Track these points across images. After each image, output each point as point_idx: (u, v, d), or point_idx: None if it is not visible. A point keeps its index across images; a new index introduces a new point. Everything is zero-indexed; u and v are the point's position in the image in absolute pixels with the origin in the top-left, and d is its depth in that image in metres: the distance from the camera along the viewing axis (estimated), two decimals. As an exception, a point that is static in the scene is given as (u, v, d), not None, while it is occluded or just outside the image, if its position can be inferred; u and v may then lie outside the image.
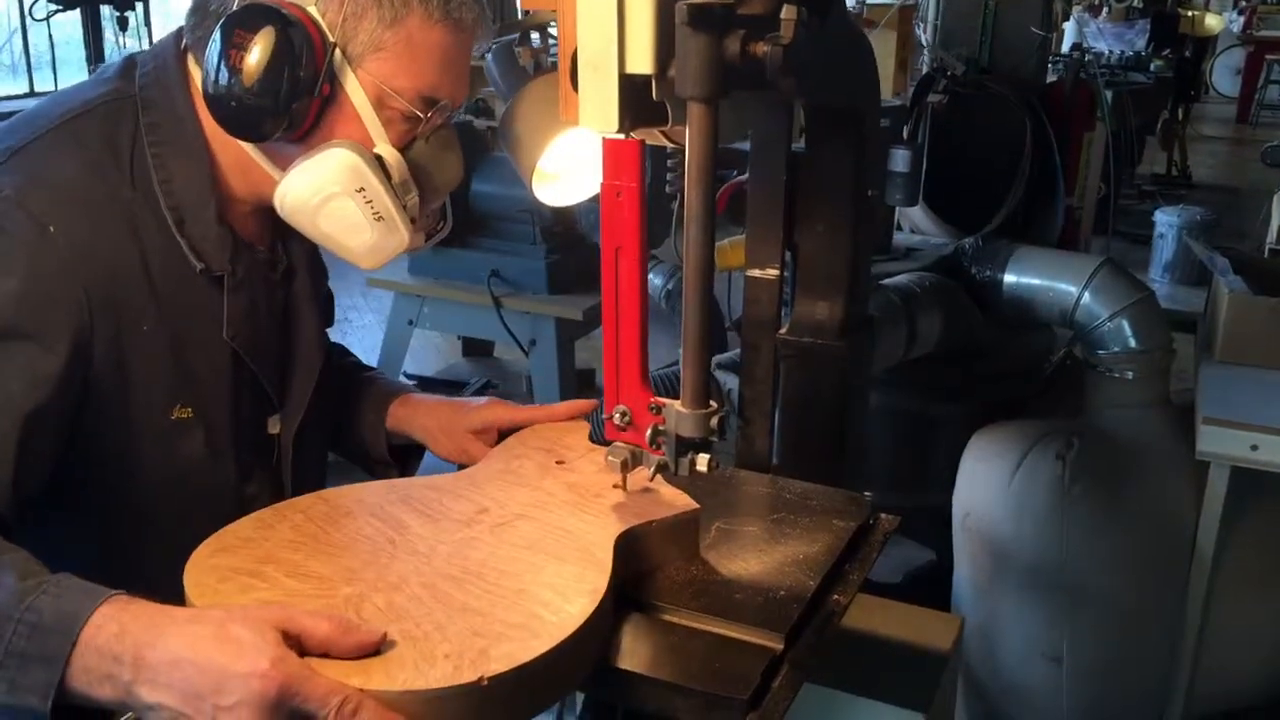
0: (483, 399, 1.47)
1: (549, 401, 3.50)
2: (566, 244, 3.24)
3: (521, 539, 1.13)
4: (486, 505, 1.20)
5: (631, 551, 1.13)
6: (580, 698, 1.29)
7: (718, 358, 2.20)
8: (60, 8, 5.04)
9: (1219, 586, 2.39)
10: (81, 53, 5.46)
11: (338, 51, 1.17)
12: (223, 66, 1.14)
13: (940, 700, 1.28)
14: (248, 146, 1.22)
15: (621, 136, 1.06)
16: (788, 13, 1.00)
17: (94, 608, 0.92)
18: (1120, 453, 2.51)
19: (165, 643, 0.89)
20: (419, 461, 1.55)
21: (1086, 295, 2.58)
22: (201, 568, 1.04)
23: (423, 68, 1.20)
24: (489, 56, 1.47)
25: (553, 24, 1.25)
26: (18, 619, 0.92)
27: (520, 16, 1.28)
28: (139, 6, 5.38)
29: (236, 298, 1.26)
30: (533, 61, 1.41)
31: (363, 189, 1.19)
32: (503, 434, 1.43)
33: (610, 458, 1.16)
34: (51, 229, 1.13)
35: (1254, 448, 2.25)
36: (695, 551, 1.19)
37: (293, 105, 1.15)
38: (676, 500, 1.20)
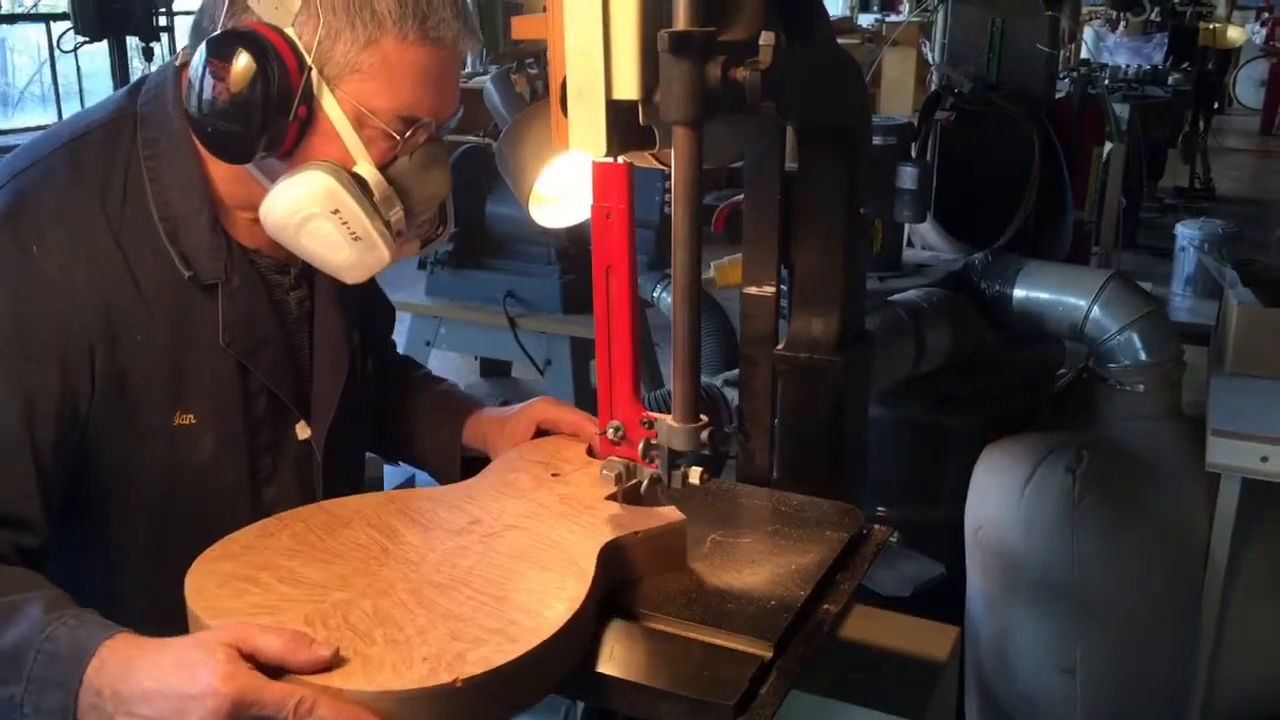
0: (534, 399, 1.50)
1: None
2: (581, 264, 3.27)
3: (510, 548, 1.17)
4: (479, 516, 1.24)
5: (617, 561, 1.17)
6: (580, 706, 1.32)
7: (725, 374, 2.22)
8: (87, 39, 5.16)
9: (1232, 598, 2.39)
10: (109, 83, 5.57)
11: (314, 73, 1.19)
12: (203, 90, 1.17)
13: (935, 709, 1.30)
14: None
15: (610, 160, 1.10)
16: (766, 38, 1.04)
17: (102, 640, 1.00)
18: (1131, 465, 2.51)
19: (134, 676, 0.97)
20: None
21: (1096, 309, 2.59)
22: (202, 573, 1.10)
23: (400, 88, 1.21)
24: (488, 84, 1.51)
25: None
26: (38, 648, 1.00)
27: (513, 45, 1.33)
28: (164, 37, 5.50)
29: (233, 305, 1.29)
30: (529, 88, 1.44)
31: (338, 210, 1.21)
32: (540, 431, 1.47)
33: (605, 472, 1.19)
34: (34, 249, 1.18)
35: (1264, 459, 2.26)
36: (683, 562, 1.22)
37: (269, 128, 1.17)
38: (664, 512, 1.23)
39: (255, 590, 1.07)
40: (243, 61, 1.15)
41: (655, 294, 2.96)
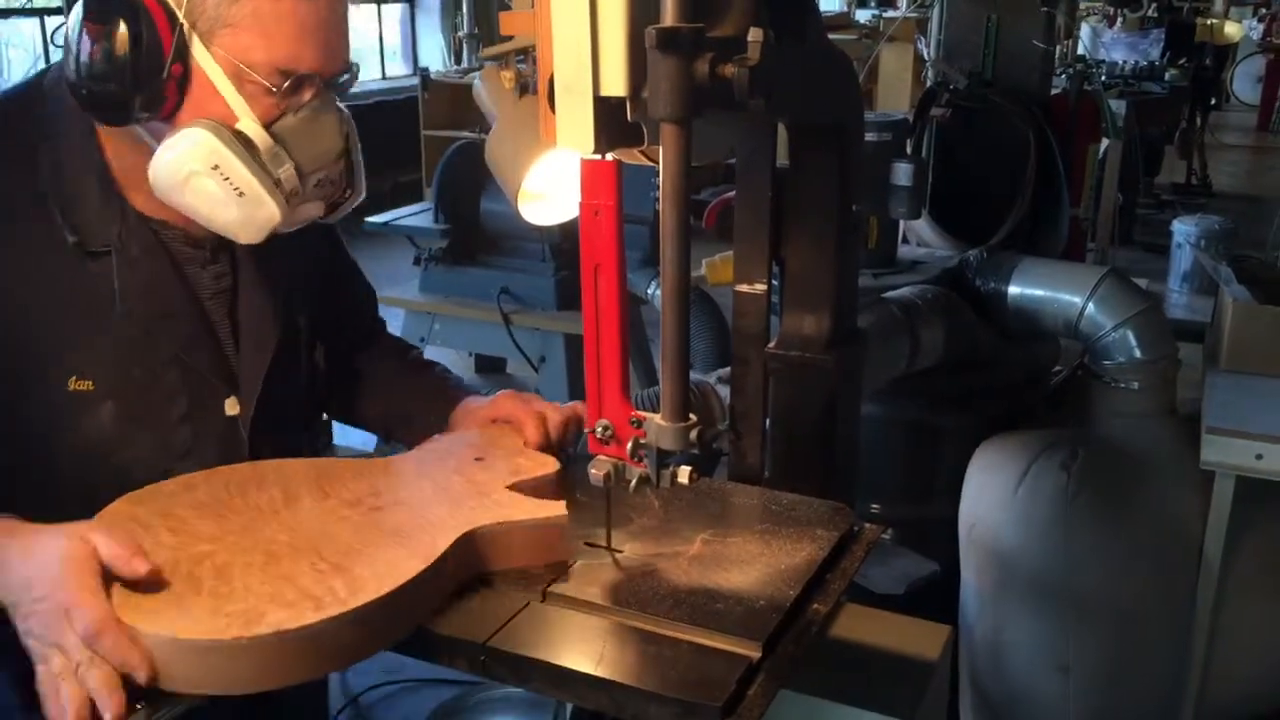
0: (503, 393, 1.50)
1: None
2: (575, 261, 3.26)
3: (386, 524, 1.20)
4: (380, 490, 1.27)
5: (484, 548, 1.20)
6: (569, 707, 1.31)
7: (719, 372, 2.22)
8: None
9: (1226, 595, 2.39)
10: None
11: (187, 30, 1.18)
12: (79, 53, 1.18)
13: (926, 708, 1.29)
14: (130, 126, 1.24)
15: (599, 157, 1.09)
16: (754, 35, 1.03)
17: None
18: (1126, 463, 2.51)
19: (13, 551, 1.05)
20: None
21: (1091, 306, 2.58)
22: (111, 512, 1.18)
23: (274, 40, 1.20)
24: (477, 80, 1.51)
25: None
26: None
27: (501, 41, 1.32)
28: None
29: (132, 274, 1.28)
30: (518, 85, 1.43)
31: (217, 166, 1.20)
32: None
33: (593, 470, 1.18)
34: None
35: (1259, 457, 2.25)
36: (563, 557, 1.24)
37: (144, 88, 1.18)
38: (548, 505, 1.25)
39: (141, 534, 1.13)
40: (111, 21, 1.16)
41: (649, 291, 2.96)
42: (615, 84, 1.06)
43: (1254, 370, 2.53)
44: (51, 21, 7.31)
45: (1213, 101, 10.09)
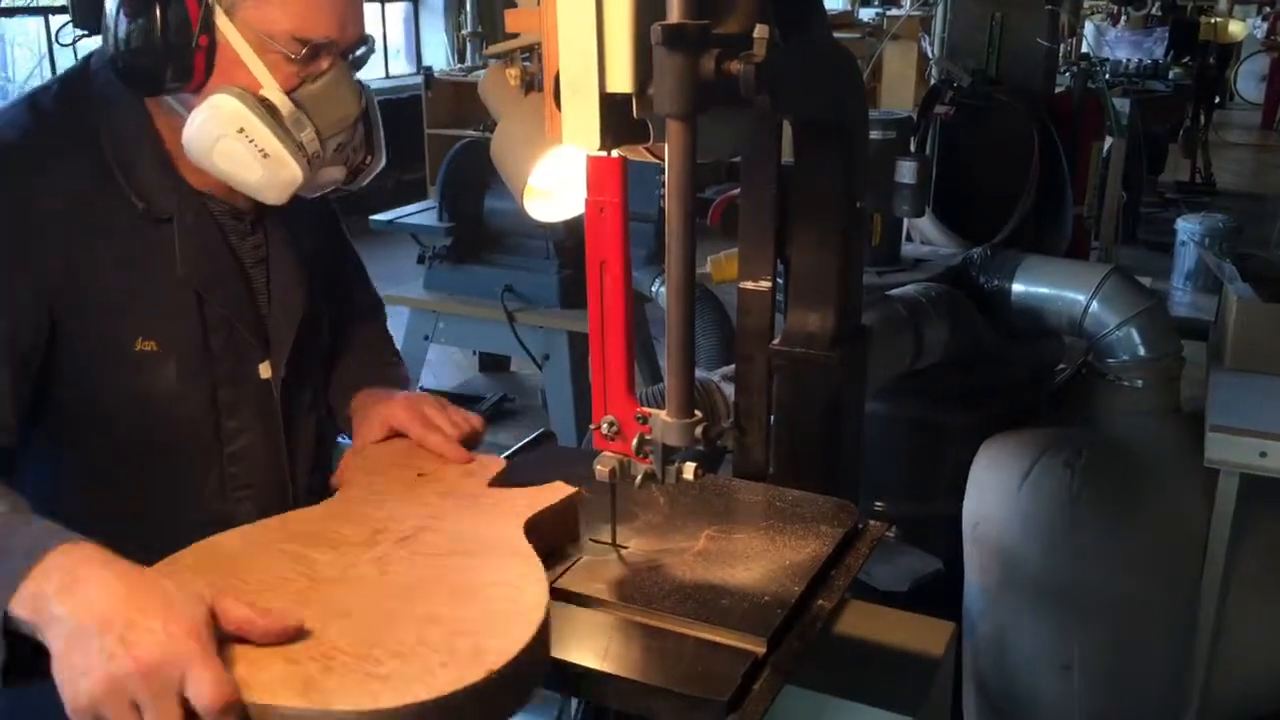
0: (398, 396, 1.51)
1: (563, 413, 3.53)
2: (580, 259, 3.26)
3: (433, 548, 1.16)
4: (381, 525, 1.20)
5: (532, 539, 1.18)
6: (575, 702, 1.32)
7: (723, 369, 2.22)
8: (86, 33, 5.15)
9: (1231, 594, 2.39)
10: (107, 77, 5.53)
11: (212, 4, 1.27)
12: (116, 28, 1.27)
13: (931, 704, 1.30)
14: (168, 100, 1.32)
15: (604, 154, 1.10)
16: (760, 31, 1.03)
17: (72, 538, 1.00)
18: (1130, 461, 2.51)
19: (98, 572, 0.96)
20: None
21: (1095, 303, 2.58)
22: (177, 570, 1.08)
23: (290, 9, 1.28)
24: (482, 78, 1.51)
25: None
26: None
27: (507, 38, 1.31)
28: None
29: (188, 240, 1.36)
30: (523, 82, 1.44)
31: (243, 129, 1.28)
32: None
33: (598, 466, 1.19)
34: (3, 179, 1.27)
35: (1263, 454, 2.25)
36: (577, 534, 1.26)
37: (174, 58, 1.26)
38: (556, 487, 1.27)
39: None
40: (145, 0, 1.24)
41: (653, 289, 2.96)
42: (621, 81, 1.07)
43: (1258, 368, 2.53)
44: (55, 20, 7.31)
45: (1216, 100, 10.08)
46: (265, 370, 1.44)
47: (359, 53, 1.38)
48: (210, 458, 1.40)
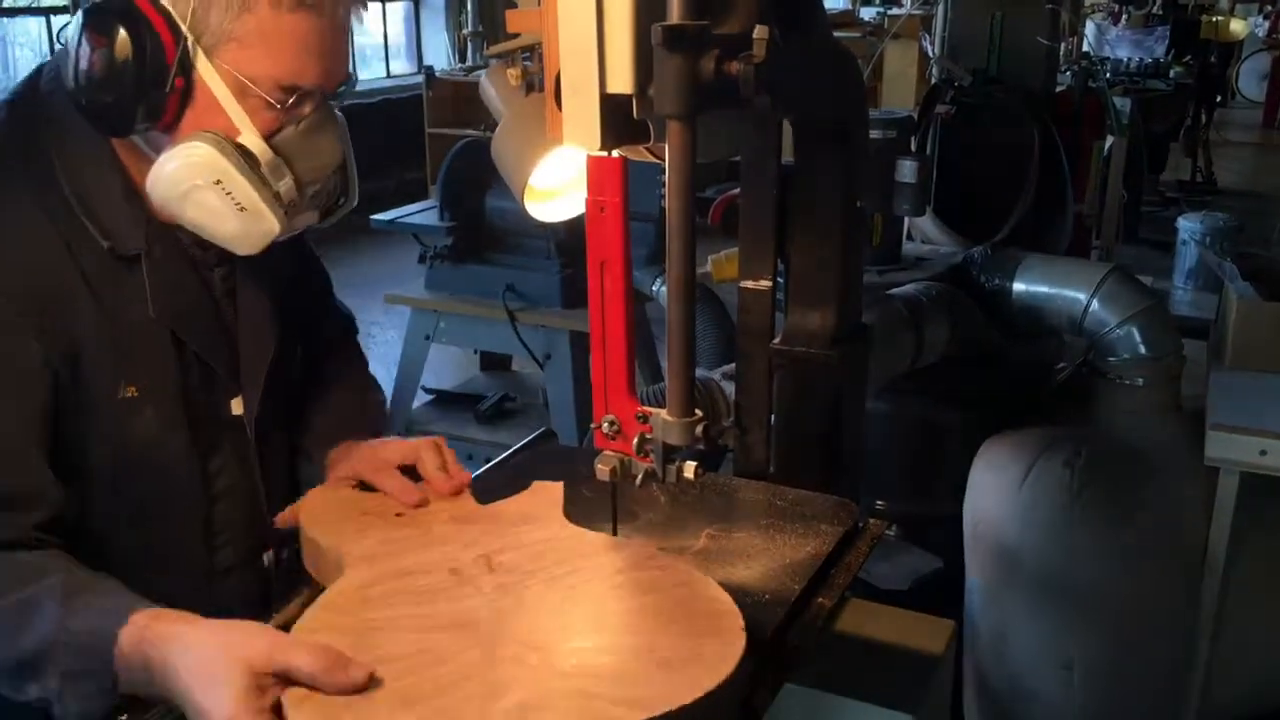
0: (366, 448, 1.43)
1: (564, 412, 3.52)
2: (581, 258, 3.26)
3: (547, 577, 1.15)
4: (498, 583, 1.15)
5: None
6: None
7: (724, 368, 2.22)
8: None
9: (1231, 592, 2.39)
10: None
11: (191, 44, 1.18)
12: (79, 61, 1.17)
13: (931, 703, 1.30)
14: (130, 137, 1.24)
15: (604, 154, 1.10)
16: (760, 32, 1.04)
17: (120, 625, 1.03)
18: (1130, 459, 2.51)
19: (174, 661, 0.99)
20: None
21: (1095, 302, 2.58)
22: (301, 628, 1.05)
23: (278, 56, 1.20)
24: (483, 78, 1.51)
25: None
26: (61, 644, 1.04)
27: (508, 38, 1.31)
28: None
29: (158, 276, 1.28)
30: (524, 82, 1.44)
31: (220, 181, 1.20)
32: None
33: (599, 465, 1.19)
34: None
35: (1263, 453, 2.25)
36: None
37: (145, 99, 1.17)
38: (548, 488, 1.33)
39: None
40: (115, 33, 1.15)
41: (654, 288, 2.96)
42: (621, 81, 1.07)
43: (1258, 367, 2.53)
44: (57, 20, 7.32)
45: (1218, 99, 10.08)
46: (237, 406, 1.38)
47: (339, 91, 1.29)
48: (196, 501, 1.35)
